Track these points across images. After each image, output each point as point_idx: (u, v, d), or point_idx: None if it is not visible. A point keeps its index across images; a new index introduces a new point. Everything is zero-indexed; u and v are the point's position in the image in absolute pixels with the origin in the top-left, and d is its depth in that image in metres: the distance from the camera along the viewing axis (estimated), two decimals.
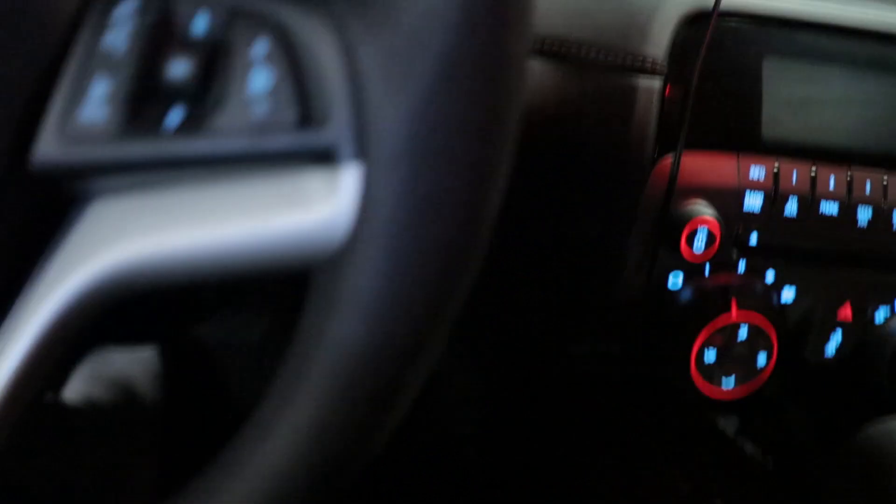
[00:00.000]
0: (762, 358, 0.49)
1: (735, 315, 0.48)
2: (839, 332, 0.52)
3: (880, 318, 0.52)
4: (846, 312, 0.51)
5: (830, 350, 0.52)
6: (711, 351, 0.48)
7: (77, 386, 0.55)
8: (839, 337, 0.52)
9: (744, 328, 0.48)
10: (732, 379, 0.49)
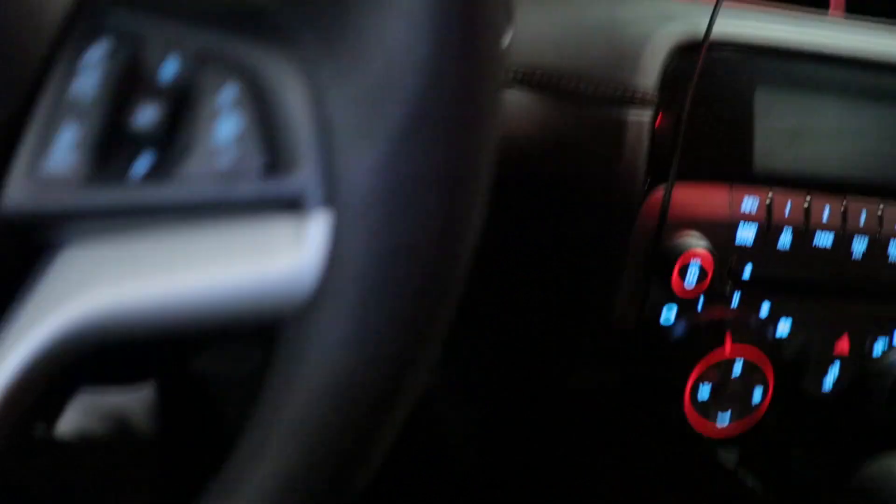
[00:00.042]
0: (758, 393, 0.48)
1: (729, 350, 0.47)
2: (836, 366, 0.51)
3: (878, 351, 0.51)
4: (843, 345, 0.50)
5: (828, 384, 0.51)
6: (706, 387, 0.48)
7: (71, 418, 0.54)
8: (836, 371, 0.51)
9: (738, 363, 0.47)
10: (728, 415, 0.48)
